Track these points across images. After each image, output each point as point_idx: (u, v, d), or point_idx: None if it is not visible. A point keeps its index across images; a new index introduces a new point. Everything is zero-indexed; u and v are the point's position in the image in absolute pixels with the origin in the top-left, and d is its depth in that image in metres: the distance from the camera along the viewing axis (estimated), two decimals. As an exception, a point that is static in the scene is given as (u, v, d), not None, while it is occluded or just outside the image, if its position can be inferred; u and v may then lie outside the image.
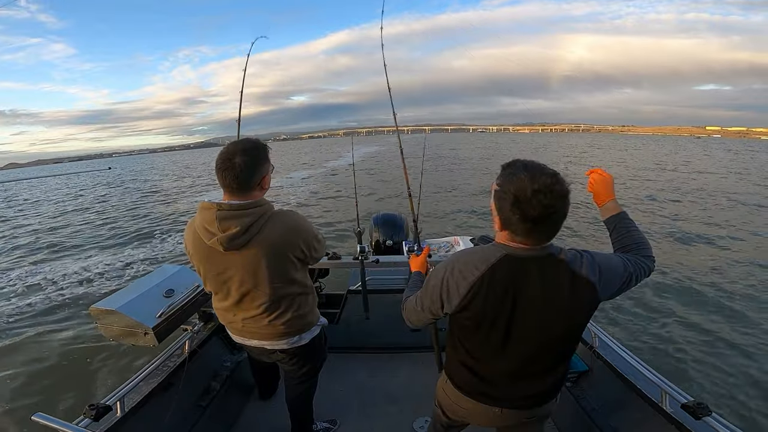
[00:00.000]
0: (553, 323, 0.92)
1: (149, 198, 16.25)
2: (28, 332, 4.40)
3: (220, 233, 1.14)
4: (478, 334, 0.98)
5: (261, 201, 1.21)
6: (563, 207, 0.83)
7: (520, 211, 0.82)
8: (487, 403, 1.08)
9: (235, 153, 1.14)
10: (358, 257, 2.09)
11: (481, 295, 0.91)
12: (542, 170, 0.83)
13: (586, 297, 0.91)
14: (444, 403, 1.23)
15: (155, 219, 11.09)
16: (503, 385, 1.05)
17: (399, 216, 3.37)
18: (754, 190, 13.32)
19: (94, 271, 6.46)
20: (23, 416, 3.00)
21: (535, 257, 0.90)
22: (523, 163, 0.87)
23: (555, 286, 0.89)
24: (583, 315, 0.94)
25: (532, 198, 0.80)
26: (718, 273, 5.57)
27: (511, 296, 0.91)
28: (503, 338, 0.95)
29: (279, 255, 1.23)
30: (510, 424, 1.16)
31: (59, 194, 21.35)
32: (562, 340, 0.98)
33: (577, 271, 0.89)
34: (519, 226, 0.85)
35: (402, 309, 1.17)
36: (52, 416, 1.14)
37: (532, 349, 0.97)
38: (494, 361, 1.01)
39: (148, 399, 1.47)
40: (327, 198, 13.04)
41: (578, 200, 8.36)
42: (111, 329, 1.55)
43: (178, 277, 1.79)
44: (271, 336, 1.40)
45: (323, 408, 1.92)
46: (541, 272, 0.90)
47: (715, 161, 27.34)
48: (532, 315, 0.92)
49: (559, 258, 0.90)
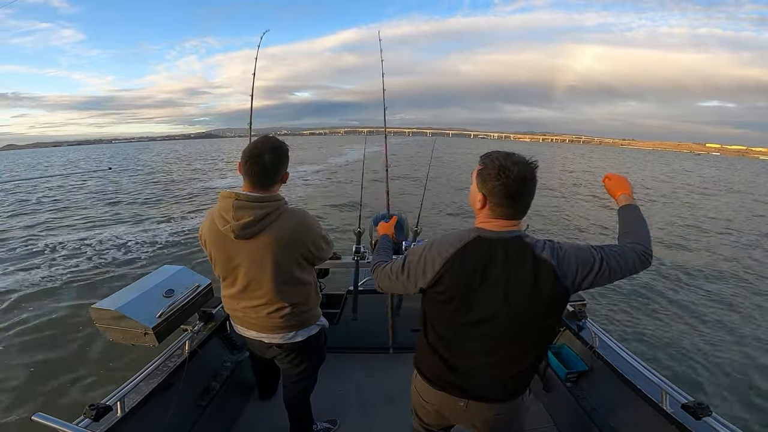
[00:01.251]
0: (517, 303, 0.97)
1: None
2: (28, 332, 4.40)
3: (234, 222, 1.20)
4: (448, 311, 1.03)
5: (277, 196, 1.29)
6: (534, 183, 0.96)
7: (504, 178, 0.93)
8: (454, 394, 1.10)
9: (264, 151, 1.23)
10: (354, 258, 2.11)
11: (453, 270, 0.99)
12: (516, 153, 0.98)
13: (547, 279, 0.94)
14: (415, 403, 1.26)
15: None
16: (471, 373, 1.07)
17: (399, 216, 3.37)
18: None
19: (97, 269, 6.48)
20: (23, 416, 3.00)
21: (504, 239, 0.98)
22: (499, 152, 1.00)
23: (518, 266, 0.96)
24: (546, 300, 0.96)
25: (513, 167, 0.92)
26: (720, 272, 5.57)
27: (479, 273, 0.98)
28: (472, 316, 1.00)
29: (287, 249, 1.28)
30: (477, 423, 1.15)
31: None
32: (528, 326, 1.00)
33: (538, 253, 0.96)
34: (501, 199, 0.95)
35: (371, 271, 1.24)
36: (52, 416, 1.14)
37: (499, 330, 1.00)
38: (463, 342, 1.05)
39: (148, 399, 1.47)
40: (327, 198, 13.06)
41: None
42: (111, 329, 1.55)
43: (178, 277, 1.79)
44: (268, 328, 1.42)
45: (323, 408, 1.92)
46: (506, 252, 0.97)
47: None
48: (497, 292, 0.97)
49: (525, 240, 0.98)
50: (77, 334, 4.27)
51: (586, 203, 13.19)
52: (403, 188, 13.60)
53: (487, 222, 1.00)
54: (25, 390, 3.37)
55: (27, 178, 24.27)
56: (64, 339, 4.22)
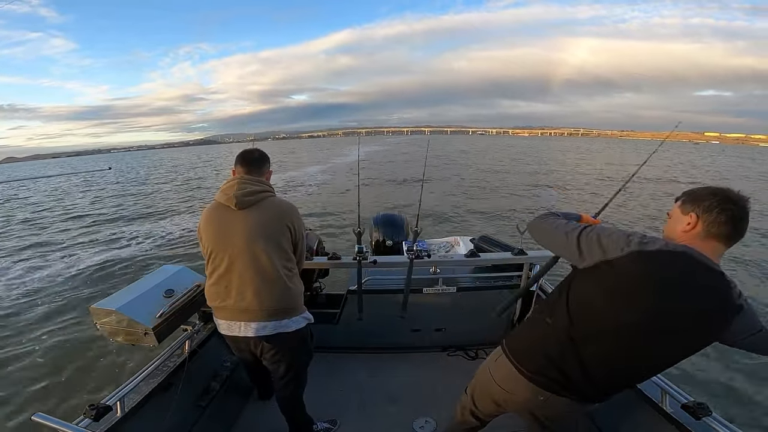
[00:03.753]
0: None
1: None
2: (27, 332, 4.40)
3: (237, 191, 1.39)
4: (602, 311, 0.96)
5: (269, 183, 1.54)
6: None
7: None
8: (542, 386, 1.07)
9: (255, 150, 1.56)
10: (356, 258, 2.10)
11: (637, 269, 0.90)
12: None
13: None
14: (482, 387, 1.26)
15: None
16: (575, 372, 1.03)
17: (399, 216, 3.37)
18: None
19: (97, 269, 6.47)
20: (23, 416, 3.00)
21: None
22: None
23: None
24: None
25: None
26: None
27: (659, 290, 0.89)
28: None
29: (277, 222, 1.44)
30: (542, 415, 1.16)
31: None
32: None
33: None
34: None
35: (537, 218, 1.16)
36: (52, 416, 1.14)
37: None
38: (589, 345, 1.00)
39: (148, 399, 1.47)
40: (328, 196, 13.06)
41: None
42: (111, 329, 1.55)
43: (178, 277, 1.79)
44: (256, 315, 1.42)
45: (323, 408, 1.93)
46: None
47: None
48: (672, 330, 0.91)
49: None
50: (77, 333, 4.28)
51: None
52: (406, 190, 13.62)
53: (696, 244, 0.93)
54: (25, 390, 3.37)
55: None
56: (64, 339, 4.22)
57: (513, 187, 14.93)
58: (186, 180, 23.40)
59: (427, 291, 2.32)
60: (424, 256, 2.15)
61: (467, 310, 2.39)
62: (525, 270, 2.23)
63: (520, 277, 2.30)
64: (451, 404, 1.51)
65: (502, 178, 17.66)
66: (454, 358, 2.44)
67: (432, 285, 2.33)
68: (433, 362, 2.40)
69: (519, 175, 19.00)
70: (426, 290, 2.32)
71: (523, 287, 1.73)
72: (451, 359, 2.43)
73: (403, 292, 2.15)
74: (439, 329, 2.47)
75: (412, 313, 2.24)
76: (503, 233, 7.15)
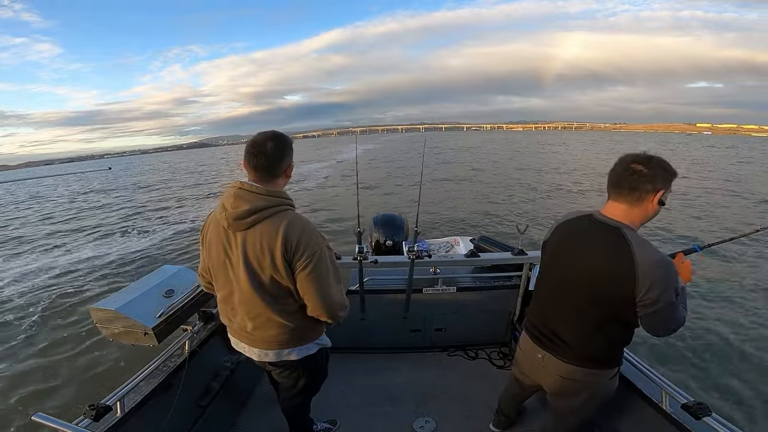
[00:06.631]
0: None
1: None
2: (27, 332, 4.40)
3: (230, 209, 1.12)
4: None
5: (282, 192, 1.19)
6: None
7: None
8: (536, 342, 1.31)
9: (267, 139, 1.15)
10: (357, 257, 2.09)
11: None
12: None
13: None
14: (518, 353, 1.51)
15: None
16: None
17: (399, 216, 3.37)
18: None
19: (97, 269, 6.47)
20: (23, 416, 3.00)
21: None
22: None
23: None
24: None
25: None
26: (719, 272, 5.57)
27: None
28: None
29: (268, 255, 1.12)
30: (547, 381, 1.33)
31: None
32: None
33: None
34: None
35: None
36: (52, 416, 1.14)
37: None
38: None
39: (148, 399, 1.47)
40: (328, 196, 13.06)
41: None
42: (111, 329, 1.55)
43: (178, 278, 1.79)
44: (257, 342, 1.29)
45: (323, 408, 1.92)
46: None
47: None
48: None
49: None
50: (77, 334, 4.28)
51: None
52: (403, 188, 13.62)
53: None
54: (26, 390, 3.37)
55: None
56: (64, 339, 4.22)
57: (513, 187, 14.91)
58: (186, 180, 23.33)
59: (427, 291, 2.32)
60: (425, 256, 2.14)
61: (467, 310, 2.39)
62: (525, 270, 2.23)
63: (520, 277, 2.29)
64: (451, 404, 1.51)
65: (501, 180, 17.64)
66: (454, 358, 2.44)
67: (432, 285, 2.33)
68: (433, 362, 2.40)
69: (519, 173, 18.94)
70: (426, 290, 2.32)
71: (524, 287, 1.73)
72: (451, 359, 2.43)
73: (402, 292, 2.14)
74: (439, 329, 2.47)
75: (413, 313, 2.24)
76: (503, 233, 7.16)
